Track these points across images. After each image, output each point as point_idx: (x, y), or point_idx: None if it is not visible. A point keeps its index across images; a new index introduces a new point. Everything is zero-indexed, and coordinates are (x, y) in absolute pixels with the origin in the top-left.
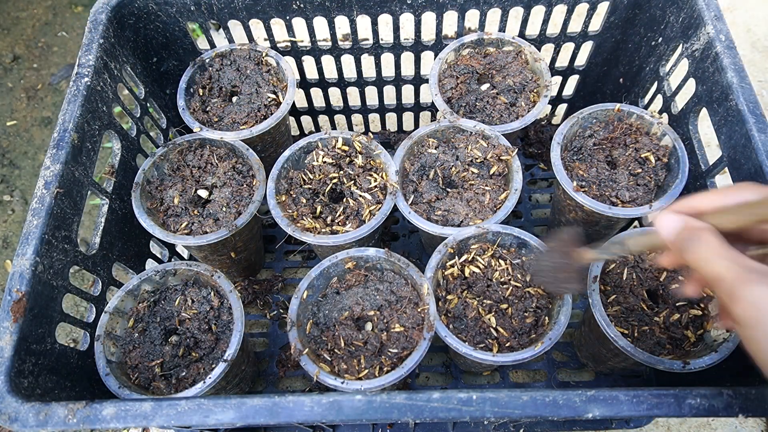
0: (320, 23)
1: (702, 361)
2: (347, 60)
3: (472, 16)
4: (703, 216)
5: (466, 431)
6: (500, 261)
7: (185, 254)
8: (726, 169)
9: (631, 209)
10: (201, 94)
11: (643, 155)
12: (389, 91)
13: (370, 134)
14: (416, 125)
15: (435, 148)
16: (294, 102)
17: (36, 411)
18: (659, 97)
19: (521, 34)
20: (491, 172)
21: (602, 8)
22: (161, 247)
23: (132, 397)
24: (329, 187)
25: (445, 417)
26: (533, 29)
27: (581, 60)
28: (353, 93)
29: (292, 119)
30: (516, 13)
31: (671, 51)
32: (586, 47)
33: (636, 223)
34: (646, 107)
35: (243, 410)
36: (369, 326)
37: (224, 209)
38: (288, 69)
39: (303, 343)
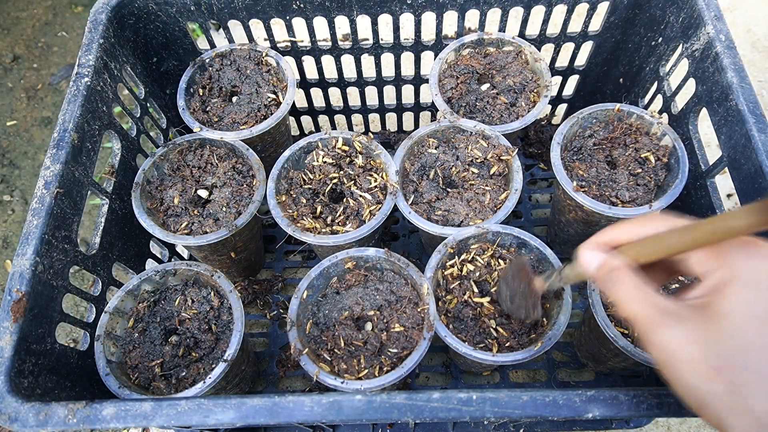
0: (320, 23)
1: None
2: (347, 60)
3: (472, 16)
4: (621, 248)
5: (466, 431)
6: (500, 261)
7: (185, 254)
8: (726, 169)
9: (631, 209)
10: (201, 94)
11: (643, 155)
12: (389, 91)
13: (370, 134)
14: (416, 125)
15: (435, 148)
16: (294, 102)
17: (36, 411)
18: (659, 97)
19: (521, 34)
20: (491, 172)
21: (602, 8)
22: (161, 247)
23: (132, 397)
24: (329, 187)
25: (445, 417)
26: (533, 29)
27: (581, 60)
28: (353, 93)
29: (292, 119)
30: (516, 13)
31: (671, 51)
32: (586, 47)
33: None
34: (646, 107)
35: (243, 410)
36: (369, 326)
37: (224, 209)
38: (288, 69)
39: (303, 343)
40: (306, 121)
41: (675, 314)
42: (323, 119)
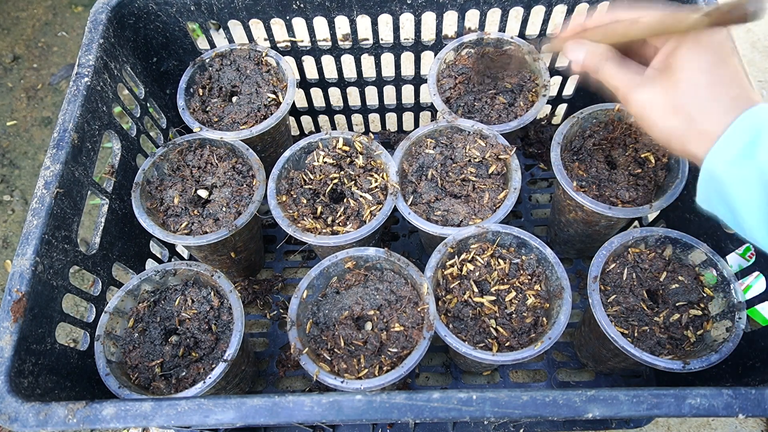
0: (320, 23)
1: (702, 361)
2: (347, 60)
3: (473, 16)
4: (588, 31)
5: (466, 431)
6: (500, 260)
7: (185, 254)
8: None
9: (631, 209)
10: (201, 94)
11: (642, 155)
12: (389, 91)
13: (370, 134)
14: (416, 125)
15: (433, 149)
16: (294, 102)
17: (36, 411)
18: None
19: (521, 34)
20: (490, 172)
21: (603, 8)
22: (161, 247)
23: (132, 397)
24: (330, 187)
25: (445, 417)
26: (533, 29)
27: None
28: (353, 93)
29: (292, 119)
30: (516, 13)
31: None
32: None
33: (636, 223)
34: None
35: (243, 410)
36: (369, 326)
37: (224, 209)
38: (288, 69)
39: (303, 343)
40: (306, 121)
41: (645, 77)
42: (323, 119)
